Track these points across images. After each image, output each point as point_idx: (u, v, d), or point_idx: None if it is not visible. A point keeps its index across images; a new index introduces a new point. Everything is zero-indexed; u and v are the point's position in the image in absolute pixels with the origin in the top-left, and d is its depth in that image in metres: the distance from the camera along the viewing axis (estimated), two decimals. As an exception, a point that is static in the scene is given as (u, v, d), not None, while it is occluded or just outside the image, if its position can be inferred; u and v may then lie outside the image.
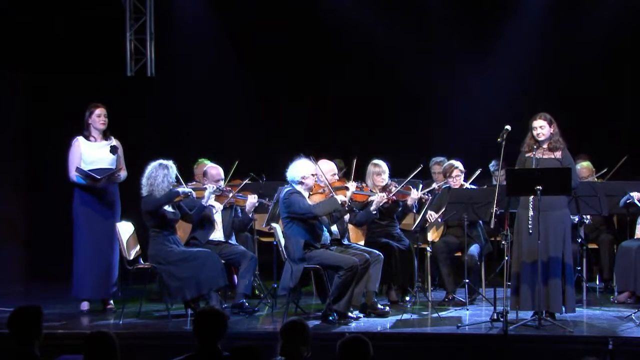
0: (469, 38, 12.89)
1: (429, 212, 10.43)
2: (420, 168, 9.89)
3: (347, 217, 10.03)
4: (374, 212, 10.16)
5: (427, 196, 10.48)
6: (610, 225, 11.35)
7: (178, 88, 12.99)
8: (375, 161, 10.50)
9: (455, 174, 10.77)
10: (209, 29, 13.13)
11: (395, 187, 10.34)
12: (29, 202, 12.45)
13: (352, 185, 9.99)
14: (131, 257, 9.87)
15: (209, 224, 10.14)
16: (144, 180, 9.64)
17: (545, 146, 9.31)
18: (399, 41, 12.88)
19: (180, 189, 9.65)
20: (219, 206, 10.07)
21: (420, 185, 10.60)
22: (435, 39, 12.93)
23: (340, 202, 9.46)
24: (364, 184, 10.29)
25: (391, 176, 10.48)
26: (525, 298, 9.17)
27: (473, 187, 10.81)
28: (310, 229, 9.47)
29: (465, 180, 10.84)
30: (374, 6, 12.91)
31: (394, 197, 10.28)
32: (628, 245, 10.70)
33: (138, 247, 10.05)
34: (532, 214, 9.08)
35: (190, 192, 9.76)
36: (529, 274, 9.13)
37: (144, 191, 9.61)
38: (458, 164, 10.85)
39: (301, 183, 9.50)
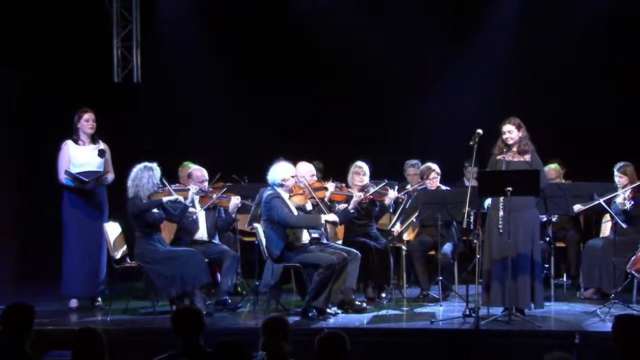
0: (442, 45, 12.90)
1: (395, 226, 10.48)
2: None
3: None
4: (352, 212, 10.18)
5: (403, 197, 10.53)
6: (577, 225, 11.40)
7: (163, 93, 12.97)
8: (357, 162, 10.54)
9: (432, 176, 10.83)
10: (193, 37, 13.11)
11: (373, 187, 10.38)
12: (19, 204, 12.42)
13: (331, 186, 10.05)
14: (118, 256, 9.90)
15: (193, 224, 10.14)
16: (129, 182, 9.66)
17: (514, 149, 9.35)
18: (375, 47, 12.89)
19: (165, 199, 9.67)
20: (198, 208, 10.09)
21: (396, 186, 10.66)
22: (412, 44, 12.92)
23: (322, 223, 9.55)
24: (343, 184, 10.33)
25: (371, 178, 10.53)
26: (495, 294, 9.20)
27: (447, 188, 10.87)
28: (290, 230, 9.51)
29: (442, 181, 10.89)
30: (352, 13, 12.90)
31: (370, 197, 10.32)
32: (594, 244, 10.76)
33: (125, 246, 10.06)
34: (502, 214, 9.12)
35: (177, 198, 9.76)
36: (499, 271, 9.17)
37: (130, 193, 9.64)
38: (435, 166, 10.90)
39: (282, 185, 9.53)
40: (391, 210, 10.58)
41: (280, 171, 9.55)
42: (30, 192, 12.20)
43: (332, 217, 9.66)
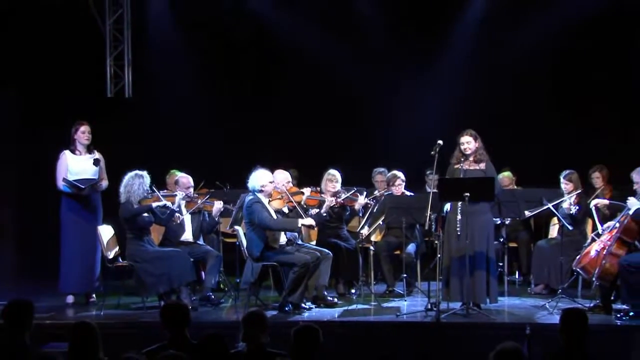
0: (407, 62, 12.92)
1: (364, 229, 10.49)
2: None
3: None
4: (324, 214, 10.18)
5: (371, 202, 10.54)
6: (528, 227, 11.43)
7: (152, 107, 12.94)
8: (331, 170, 10.54)
9: (397, 183, 10.84)
10: (179, 56, 13.10)
11: (345, 193, 10.39)
12: (20, 209, 12.35)
13: (307, 191, 10.06)
14: (111, 256, 9.86)
15: (180, 227, 10.13)
16: (121, 189, 9.64)
17: (471, 159, 9.37)
18: (345, 64, 12.89)
19: (154, 204, 9.64)
20: (184, 212, 10.07)
21: (364, 192, 10.67)
22: (379, 62, 12.93)
23: (299, 227, 9.55)
24: (318, 189, 10.34)
25: (342, 184, 10.54)
26: (454, 291, 9.23)
27: (411, 194, 10.88)
28: (269, 232, 9.51)
29: (406, 188, 10.91)
30: (322, 33, 12.90)
31: (342, 202, 10.33)
32: (543, 244, 10.83)
33: (117, 247, 10.02)
34: (460, 217, 9.14)
35: (165, 204, 9.74)
36: (457, 269, 9.19)
37: (122, 198, 9.61)
38: (400, 174, 10.91)
39: (261, 191, 9.53)
40: (360, 214, 10.60)
41: (259, 178, 9.56)
42: (30, 198, 12.12)
43: (309, 221, 9.66)
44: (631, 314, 8.75)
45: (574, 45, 12.58)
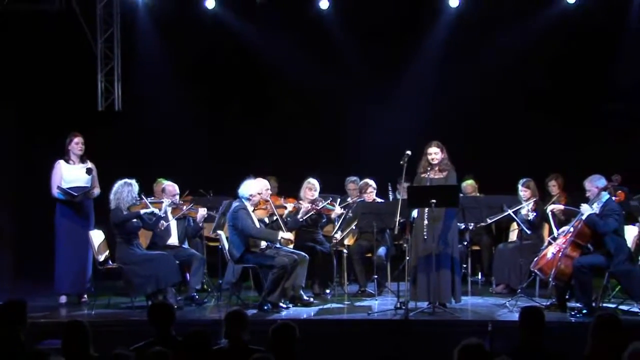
0: (378, 75, 12.96)
1: (338, 233, 10.52)
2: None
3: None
4: (301, 220, 10.19)
5: (344, 210, 10.57)
6: (490, 231, 11.46)
7: (140, 120, 12.91)
8: (310, 179, 10.55)
9: (369, 191, 10.88)
10: (165, 72, 13.07)
11: (322, 202, 10.39)
12: (17, 215, 12.28)
13: (289, 206, 10.10)
14: (102, 259, 9.83)
15: (166, 232, 10.11)
16: (111, 196, 9.62)
17: (436, 168, 9.41)
18: (321, 81, 12.92)
19: (142, 211, 9.62)
20: (170, 218, 10.05)
21: (338, 199, 10.69)
22: (351, 75, 12.97)
23: (278, 239, 9.56)
24: (300, 203, 10.34)
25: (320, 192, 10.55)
26: (421, 291, 9.25)
27: (382, 201, 10.90)
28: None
29: (377, 195, 10.93)
30: (300, 46, 12.92)
31: (317, 208, 10.33)
32: (503, 247, 10.90)
33: (107, 251, 9.98)
34: (426, 222, 9.18)
35: (153, 211, 9.72)
36: (424, 271, 9.21)
37: (112, 205, 9.59)
38: (371, 182, 10.95)
39: (249, 199, 9.54)
40: (336, 222, 10.62)
41: (250, 187, 9.59)
42: (26, 204, 12.06)
43: (288, 235, 9.70)
44: (584, 311, 8.81)
45: (534, 61, 12.68)
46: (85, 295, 10.18)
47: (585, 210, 9.07)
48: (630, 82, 12.41)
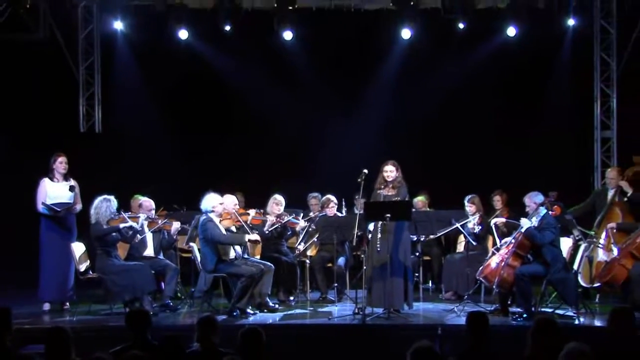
0: (337, 99, 13.02)
1: (301, 245, 10.50)
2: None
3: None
4: (267, 232, 10.18)
5: (308, 223, 10.57)
6: (439, 243, 11.48)
7: (119, 141, 12.87)
8: (276, 195, 10.51)
9: (331, 206, 10.88)
10: (141, 97, 13.07)
11: (287, 216, 10.38)
12: (4, 228, 12.10)
13: (252, 212, 10.06)
14: (83, 269, 9.74)
15: (142, 244, 10.05)
16: (92, 211, 9.57)
17: (390, 186, 9.45)
18: (286, 106, 12.99)
19: (121, 225, 9.56)
20: (147, 231, 10.01)
21: (302, 214, 10.69)
22: (312, 102, 13.02)
23: (246, 241, 9.54)
24: (261, 210, 10.33)
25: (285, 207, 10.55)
26: (377, 298, 9.24)
27: (342, 215, 10.91)
28: (220, 247, 9.47)
29: (338, 210, 10.94)
30: (267, 75, 12.99)
31: (282, 222, 10.31)
32: (452, 257, 10.94)
33: (88, 261, 9.90)
34: (379, 235, 9.20)
35: (131, 225, 9.67)
36: (380, 279, 9.22)
37: (92, 219, 9.54)
38: (333, 198, 10.95)
39: (212, 211, 9.50)
40: (300, 234, 10.61)
41: (209, 201, 9.54)
42: (12, 218, 11.89)
43: (254, 236, 9.67)
44: (524, 315, 8.87)
45: (479, 86, 12.83)
46: (68, 303, 10.07)
47: (525, 223, 9.15)
48: (561, 105, 12.66)
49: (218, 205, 9.56)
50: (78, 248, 9.81)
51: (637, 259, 9.25)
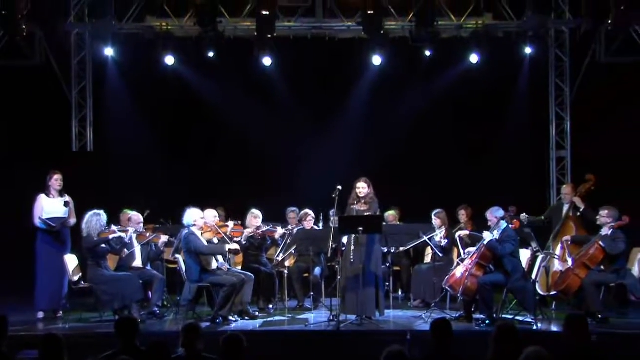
0: (312, 118, 13.06)
1: (279, 256, 10.48)
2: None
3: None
4: (244, 243, 10.14)
5: (287, 232, 10.56)
6: (408, 254, 11.47)
7: (109, 159, 12.84)
8: (254, 210, 10.49)
9: (309, 219, 10.89)
10: (131, 118, 13.05)
11: (265, 227, 10.37)
12: (1, 242, 12.00)
13: (231, 224, 10.03)
14: (75, 279, 9.70)
15: (131, 256, 10.01)
16: (83, 225, 9.55)
17: (362, 201, 9.47)
18: (265, 126, 13.02)
19: (111, 236, 9.52)
20: (136, 244, 9.96)
21: (279, 227, 10.67)
22: (289, 123, 13.05)
23: (226, 250, 9.51)
24: (239, 222, 10.30)
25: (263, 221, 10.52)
26: (351, 306, 9.23)
27: (318, 228, 10.90)
28: (203, 258, 9.43)
29: (315, 223, 10.93)
30: (245, 94, 13.01)
31: (262, 233, 10.29)
32: (420, 268, 10.96)
33: (80, 272, 9.85)
34: (353, 247, 9.21)
35: (120, 236, 9.63)
36: (353, 288, 9.22)
37: (84, 233, 9.51)
38: (310, 212, 10.96)
39: (194, 225, 9.48)
40: (280, 243, 10.57)
41: (190, 215, 9.53)
42: (10, 232, 11.78)
43: (234, 245, 9.65)
44: (487, 322, 8.90)
45: (444, 108, 12.94)
46: (61, 311, 9.99)
47: (487, 236, 9.20)
48: (520, 127, 12.77)
49: (199, 219, 9.54)
50: (71, 260, 9.77)
51: (590, 269, 9.32)
